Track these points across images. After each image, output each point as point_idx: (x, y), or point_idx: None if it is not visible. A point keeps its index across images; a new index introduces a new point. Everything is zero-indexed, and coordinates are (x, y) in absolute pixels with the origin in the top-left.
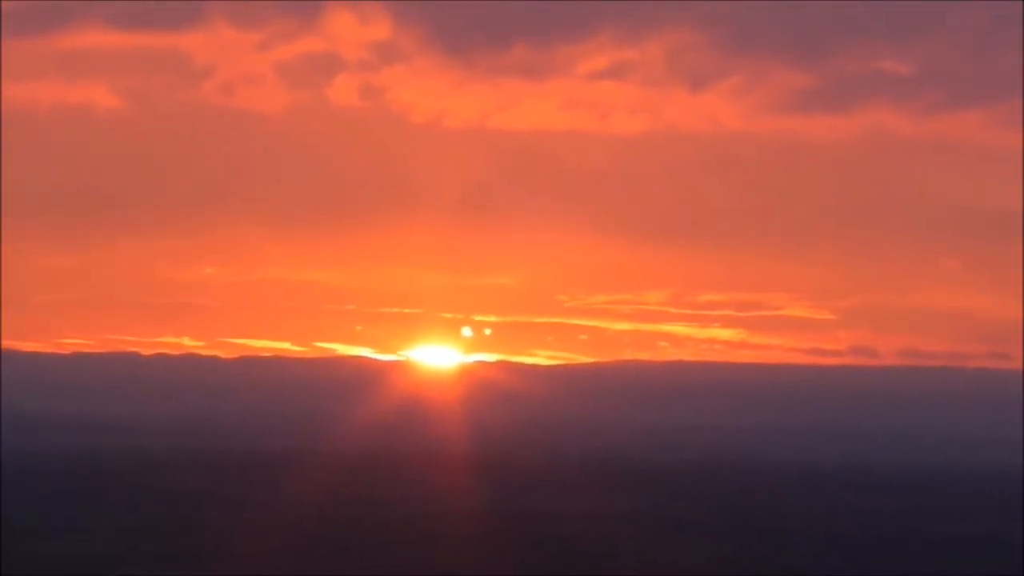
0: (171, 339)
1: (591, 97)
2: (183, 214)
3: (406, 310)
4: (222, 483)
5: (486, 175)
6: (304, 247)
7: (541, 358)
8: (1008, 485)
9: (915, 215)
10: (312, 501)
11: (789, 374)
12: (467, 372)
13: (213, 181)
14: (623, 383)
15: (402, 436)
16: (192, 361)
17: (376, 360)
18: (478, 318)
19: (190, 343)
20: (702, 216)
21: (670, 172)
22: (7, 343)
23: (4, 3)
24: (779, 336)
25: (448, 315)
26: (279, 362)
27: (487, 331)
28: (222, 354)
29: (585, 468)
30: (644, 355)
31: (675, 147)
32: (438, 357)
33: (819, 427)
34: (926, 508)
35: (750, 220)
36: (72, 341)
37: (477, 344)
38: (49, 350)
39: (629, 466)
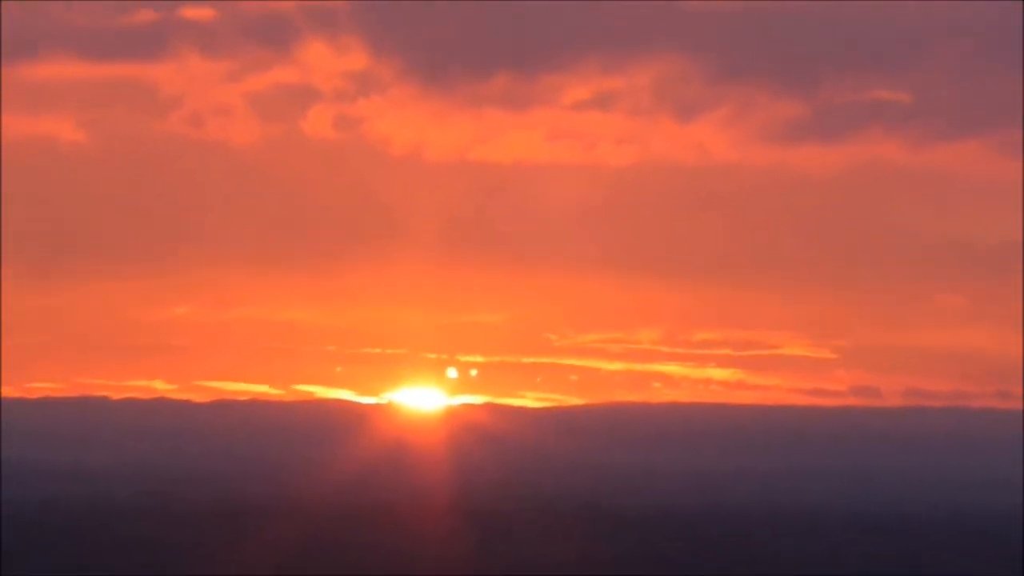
0: (142, 382)
1: (576, 128)
2: (153, 252)
3: (388, 350)
4: (193, 534)
5: (469, 209)
6: (280, 285)
7: (530, 400)
8: (1017, 528)
9: (914, 248)
10: (289, 552)
11: (789, 415)
12: (452, 415)
13: (184, 217)
14: (615, 425)
15: (384, 483)
16: (164, 405)
17: (357, 403)
18: (463, 358)
19: (162, 386)
20: (694, 251)
21: (660, 205)
22: None
23: None
24: (778, 376)
25: (432, 355)
26: (255, 406)
27: (473, 372)
28: (195, 398)
29: (577, 515)
30: (637, 396)
31: (664, 179)
32: (422, 399)
33: (821, 470)
34: (931, 552)
35: (744, 255)
36: (39, 385)
37: (463, 385)
38: (15, 394)
39: (623, 512)
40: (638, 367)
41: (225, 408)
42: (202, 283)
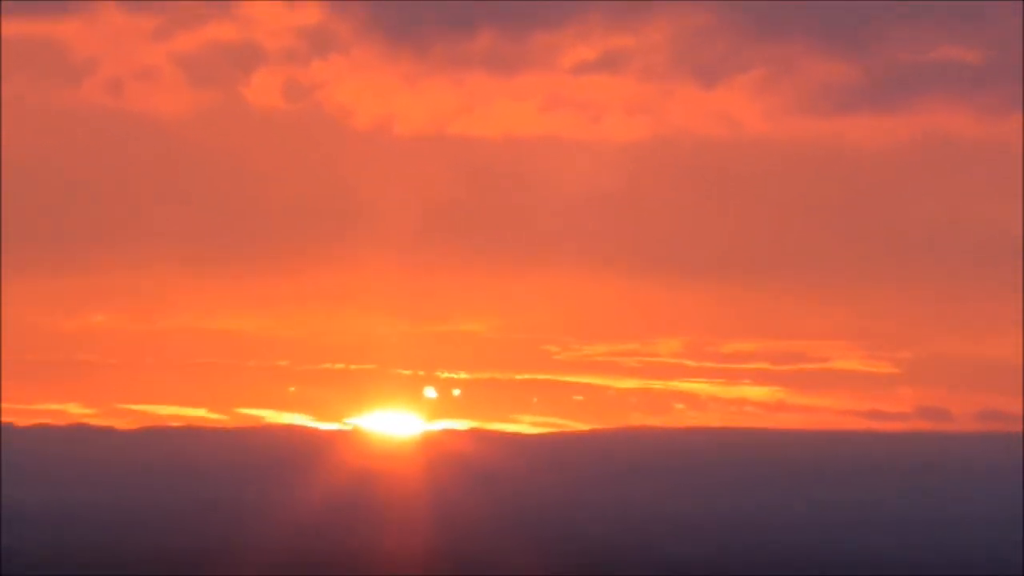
0: (54, 406)
1: (578, 96)
2: (66, 248)
3: (352, 366)
4: None
5: (449, 194)
6: (221, 288)
7: (524, 425)
8: None
9: (990, 239)
10: None
11: (841, 443)
12: (431, 444)
13: (103, 205)
14: (629, 456)
15: (348, 528)
16: (81, 433)
17: (315, 430)
18: (444, 375)
19: (78, 410)
20: (722, 244)
21: (679, 188)
22: None
23: None
24: (827, 395)
25: (406, 372)
26: (192, 434)
27: (455, 391)
28: (119, 424)
29: (582, 568)
30: (656, 420)
31: (684, 157)
32: (393, 425)
33: (881, 510)
34: None
35: (783, 248)
36: None
37: (443, 408)
38: None
39: (641, 564)
40: (656, 385)
41: (155, 436)
42: (125, 286)
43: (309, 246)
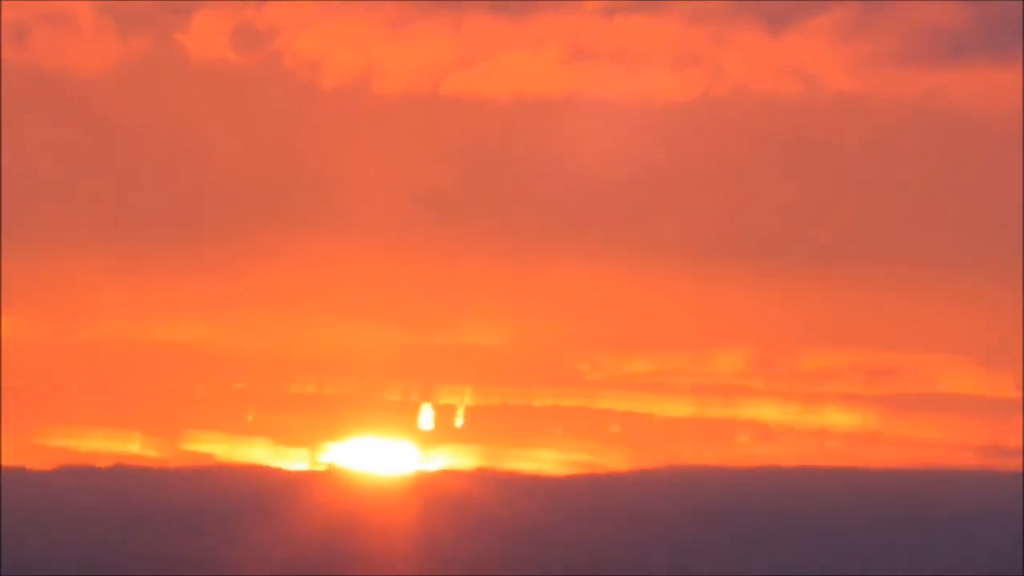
0: None
1: (609, 44)
2: None
3: (328, 389)
4: None
5: (446, 170)
6: (159, 288)
7: (547, 463)
8: None
9: None
10: None
11: (953, 485)
12: (426, 487)
13: (4, 183)
14: (679, 503)
15: None
16: None
17: (279, 470)
18: (444, 400)
19: None
20: (798, 230)
21: (739, 161)
22: None
23: None
24: (934, 425)
25: (395, 394)
26: (123, 475)
27: (458, 420)
28: (32, 463)
29: None
30: (713, 457)
31: (745, 121)
32: (379, 463)
33: (999, 564)
34: None
35: (877, 236)
36: None
37: (443, 440)
38: None
39: None
40: (714, 411)
41: (75, 478)
42: (34, 285)
43: (270, 236)
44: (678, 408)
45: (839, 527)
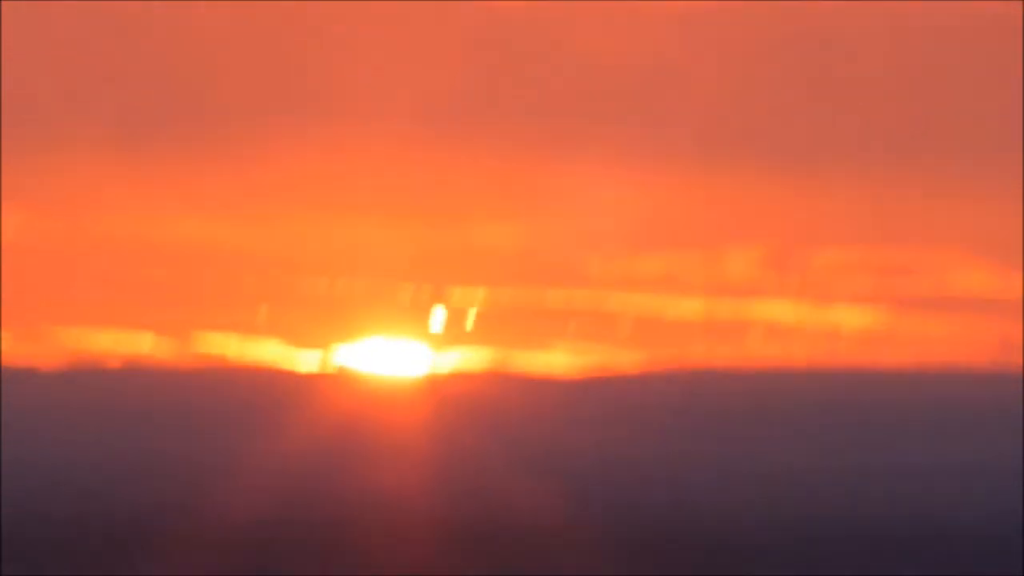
0: None
1: None
2: None
3: (340, 280)
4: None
5: (462, 56)
6: (166, 183)
7: (557, 365)
8: None
9: None
10: None
11: (968, 385)
12: (438, 386)
13: (5, 68)
14: (691, 403)
15: (331, 495)
16: None
17: (291, 373)
18: (455, 301)
19: None
20: (814, 120)
21: (752, 56)
22: None
23: None
24: (947, 324)
25: (408, 288)
26: (132, 375)
27: (469, 321)
28: (39, 362)
29: (627, 542)
30: (724, 356)
31: (758, 16)
32: (392, 356)
33: (1019, 467)
34: None
35: (895, 126)
36: None
37: (455, 334)
38: None
39: (702, 538)
40: (726, 308)
41: (82, 378)
42: (37, 178)
43: (281, 131)
44: (689, 308)
45: (851, 428)
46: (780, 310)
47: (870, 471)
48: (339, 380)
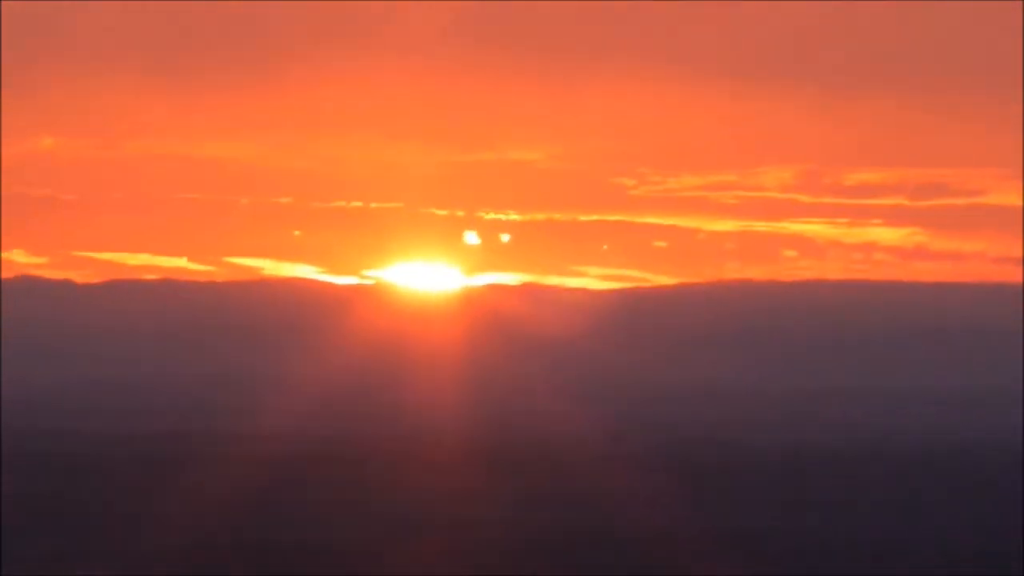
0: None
1: None
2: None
3: (373, 204)
4: (78, 485)
5: None
6: (204, 104)
7: (591, 279)
8: None
9: None
10: (231, 509)
11: (995, 297)
12: (472, 302)
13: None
14: (725, 317)
15: (368, 405)
16: (30, 286)
17: (326, 284)
18: (489, 216)
19: (24, 259)
20: (846, 45)
21: None
22: None
23: None
24: (979, 238)
25: (441, 211)
26: (170, 288)
27: (504, 237)
28: (78, 276)
29: (670, 465)
30: (759, 271)
31: None
32: (426, 279)
33: None
34: None
35: (925, 51)
36: None
37: (489, 257)
38: None
39: (739, 459)
40: (760, 226)
41: (123, 291)
42: (79, 101)
43: (314, 50)
44: (724, 223)
45: (884, 340)
46: (815, 225)
47: (900, 381)
48: (375, 293)
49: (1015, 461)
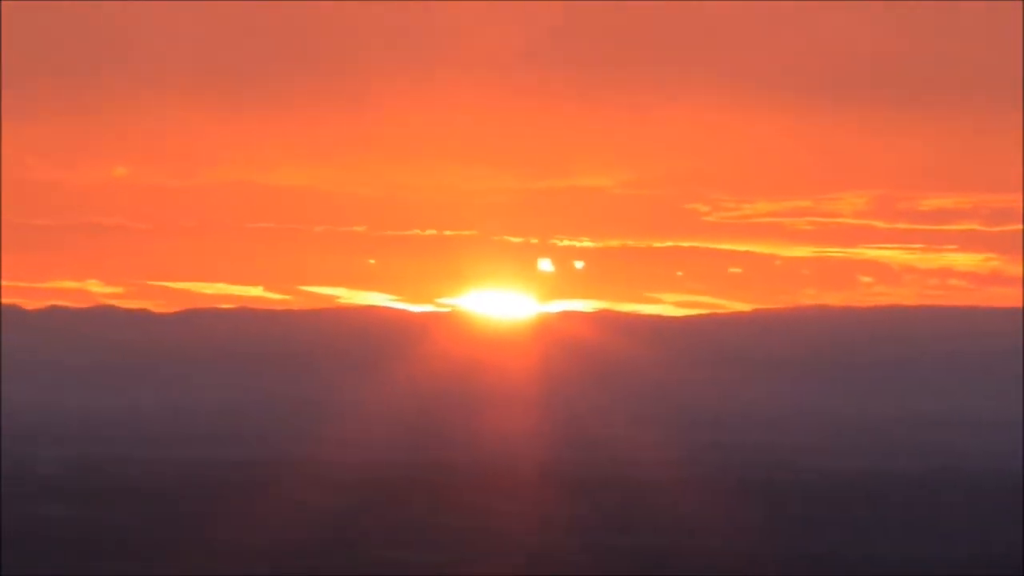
0: (70, 283)
1: None
2: (77, 84)
3: (447, 232)
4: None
5: (562, 8)
6: (277, 131)
7: (666, 305)
8: None
9: None
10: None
11: None
12: (547, 329)
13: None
14: (801, 343)
15: (443, 435)
16: (105, 316)
17: (401, 312)
18: (563, 243)
19: (100, 289)
20: (924, 67)
21: (865, 6)
22: None
23: None
24: None
25: (515, 239)
26: (246, 317)
27: (578, 263)
28: (154, 306)
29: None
30: (835, 297)
31: None
32: (500, 306)
33: None
34: None
35: (1003, 73)
36: None
37: (563, 284)
38: None
39: (818, 485)
40: (836, 252)
41: (198, 320)
42: (153, 129)
43: (389, 81)
44: (800, 249)
45: (960, 365)
46: (890, 251)
47: (976, 406)
48: (451, 320)
49: None
